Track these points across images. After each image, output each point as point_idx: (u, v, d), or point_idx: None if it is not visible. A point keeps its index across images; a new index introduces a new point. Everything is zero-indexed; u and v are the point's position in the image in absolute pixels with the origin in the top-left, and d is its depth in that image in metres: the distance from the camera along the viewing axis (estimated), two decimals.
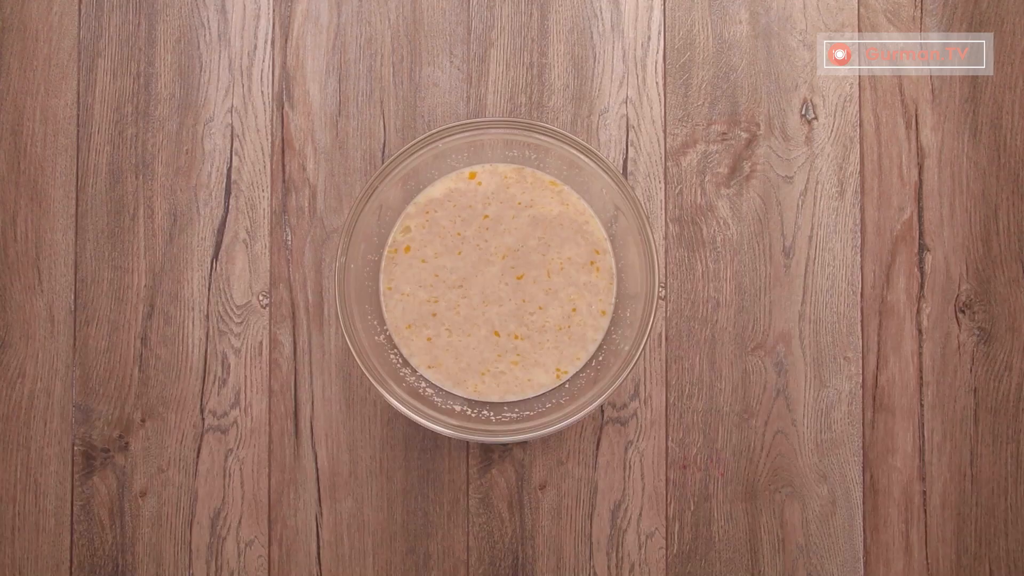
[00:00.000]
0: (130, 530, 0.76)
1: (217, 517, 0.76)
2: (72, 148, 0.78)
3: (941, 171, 0.77)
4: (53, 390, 0.77)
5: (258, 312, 0.77)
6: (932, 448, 0.76)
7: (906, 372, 0.76)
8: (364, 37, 0.78)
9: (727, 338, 0.76)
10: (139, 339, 0.77)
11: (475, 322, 0.74)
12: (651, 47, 0.78)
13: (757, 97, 0.78)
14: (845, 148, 0.78)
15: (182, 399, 0.76)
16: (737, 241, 0.77)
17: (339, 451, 0.76)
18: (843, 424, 0.76)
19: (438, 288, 0.75)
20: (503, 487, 0.76)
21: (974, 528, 0.75)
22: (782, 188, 0.77)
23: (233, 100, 0.78)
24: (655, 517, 0.76)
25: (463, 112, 0.78)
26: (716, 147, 0.78)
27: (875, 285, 0.77)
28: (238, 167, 0.78)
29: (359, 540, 0.76)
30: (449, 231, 0.75)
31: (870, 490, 0.76)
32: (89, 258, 0.77)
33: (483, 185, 0.75)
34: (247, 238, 0.77)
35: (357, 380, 0.77)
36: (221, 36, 0.78)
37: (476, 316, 0.74)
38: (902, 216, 0.77)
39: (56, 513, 0.76)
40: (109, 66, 0.78)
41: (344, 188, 0.78)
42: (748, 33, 0.78)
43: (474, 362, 0.74)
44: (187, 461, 0.76)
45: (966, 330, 0.76)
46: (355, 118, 0.78)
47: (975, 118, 0.77)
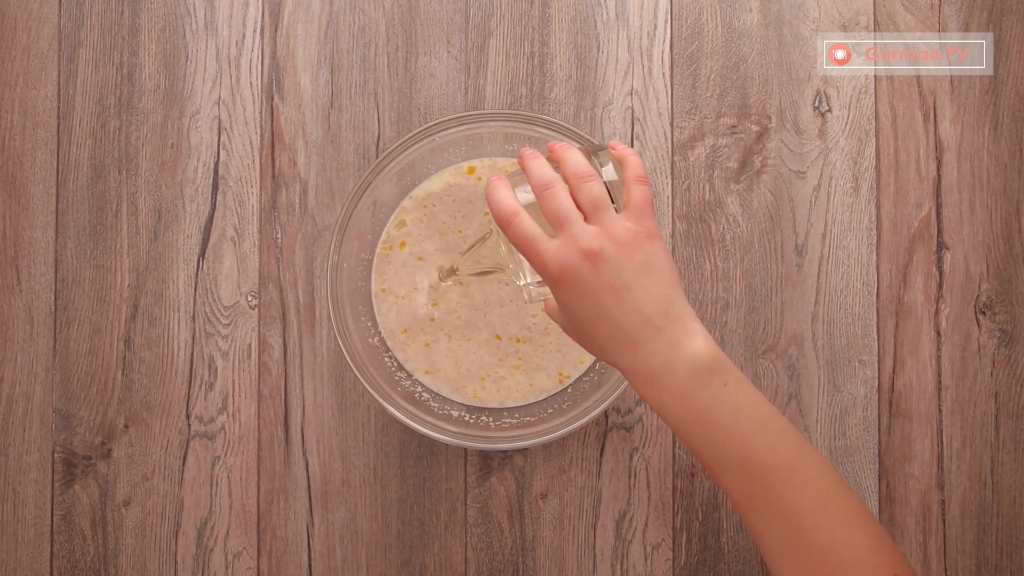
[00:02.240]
0: (113, 541, 0.73)
1: (204, 527, 0.73)
2: (52, 142, 0.75)
3: (960, 166, 0.74)
4: (32, 395, 0.74)
5: (247, 313, 0.74)
6: (951, 455, 0.73)
7: (924, 376, 0.73)
8: (357, 25, 0.75)
9: (737, 340, 0.74)
10: (122, 341, 0.74)
11: (476, 325, 0.71)
12: (657, 36, 0.75)
13: (768, 88, 0.75)
14: (860, 142, 0.74)
15: (167, 404, 0.73)
16: (747, 239, 0.74)
17: (331, 458, 0.73)
18: (858, 430, 0.73)
19: (437, 290, 0.72)
20: (503, 496, 0.73)
21: (995, 539, 0.73)
22: (794, 184, 0.74)
23: (220, 91, 0.75)
24: (662, 527, 0.73)
25: (461, 104, 0.75)
26: (725, 141, 0.75)
27: (891, 285, 0.74)
28: (226, 161, 0.75)
29: (352, 552, 0.73)
30: (450, 227, 0.72)
31: (886, 499, 0.73)
32: (70, 257, 0.74)
33: (483, 180, 0.72)
34: (235, 236, 0.74)
35: (350, 384, 0.74)
36: (208, 24, 0.75)
37: (477, 319, 0.71)
38: (920, 213, 0.74)
39: (36, 523, 0.73)
40: (91, 56, 0.75)
41: (337, 184, 0.75)
42: (759, 21, 0.75)
43: (474, 367, 0.71)
44: (172, 469, 0.73)
45: (986, 332, 0.73)
46: (348, 110, 0.75)
47: (996, 111, 0.74)
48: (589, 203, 0.51)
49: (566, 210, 0.51)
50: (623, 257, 0.49)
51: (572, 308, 0.51)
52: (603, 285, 0.49)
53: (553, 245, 0.50)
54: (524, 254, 0.51)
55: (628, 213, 0.51)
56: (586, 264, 0.49)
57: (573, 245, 0.49)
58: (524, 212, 0.51)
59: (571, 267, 0.49)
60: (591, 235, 0.50)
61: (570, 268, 0.49)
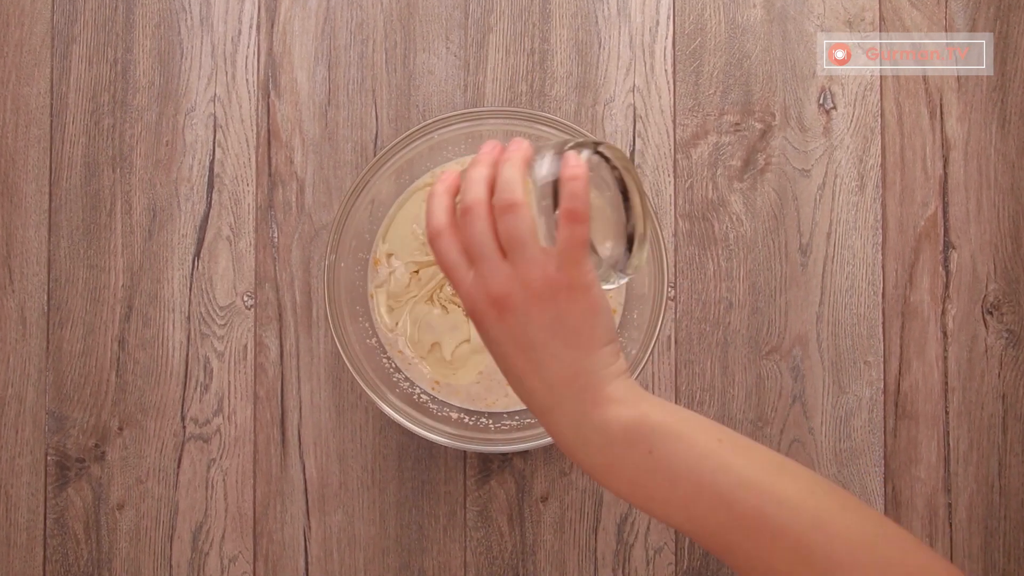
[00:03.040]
0: (107, 545, 0.72)
1: (199, 531, 0.72)
2: (45, 139, 0.74)
3: (967, 164, 0.73)
4: (25, 396, 0.72)
5: (242, 313, 0.73)
6: (958, 458, 0.72)
7: (930, 377, 0.72)
8: (355, 22, 0.74)
9: (740, 341, 0.72)
10: (116, 342, 0.73)
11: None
12: (660, 32, 0.74)
13: (772, 85, 0.74)
14: (866, 139, 0.73)
15: (162, 406, 0.72)
16: (751, 238, 0.73)
17: (328, 461, 0.72)
18: (863, 432, 0.72)
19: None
20: (503, 499, 0.72)
21: (1002, 543, 0.71)
22: (799, 182, 0.73)
23: (216, 88, 0.74)
24: (664, 531, 0.72)
25: (460, 101, 0.74)
26: (728, 138, 0.73)
27: (897, 285, 0.73)
28: (221, 160, 0.73)
29: (350, 556, 0.72)
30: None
31: (892, 502, 0.72)
32: (63, 256, 0.73)
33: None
34: (231, 235, 0.73)
35: (348, 386, 0.72)
36: (203, 20, 0.74)
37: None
38: (926, 212, 0.73)
39: (28, 527, 0.72)
40: (84, 52, 0.74)
41: (334, 182, 0.73)
42: (762, 17, 0.74)
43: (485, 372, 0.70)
44: (167, 472, 0.72)
45: (994, 332, 0.72)
46: (345, 108, 0.74)
47: (1003, 108, 0.73)
48: (505, 238, 0.44)
49: (479, 244, 0.44)
50: (532, 310, 0.43)
51: (490, 350, 0.46)
52: (509, 338, 0.44)
53: (468, 280, 0.45)
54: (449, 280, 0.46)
55: (553, 256, 0.44)
56: (493, 311, 0.44)
57: (482, 287, 0.44)
58: (449, 235, 0.45)
59: (479, 311, 0.44)
60: (502, 280, 0.43)
61: (477, 312, 0.44)
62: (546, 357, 0.44)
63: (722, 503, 0.42)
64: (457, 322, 0.70)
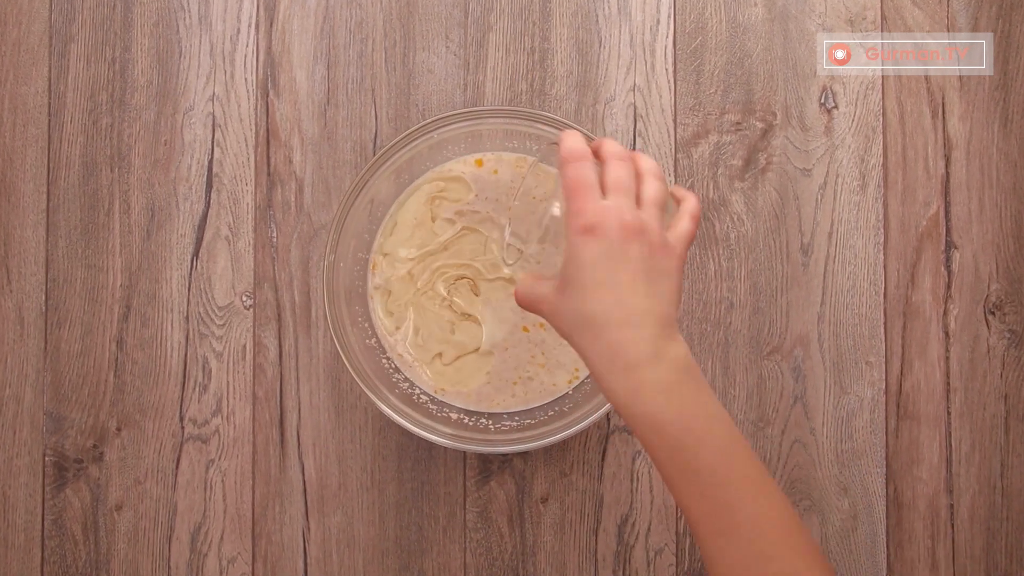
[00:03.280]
0: (105, 546, 0.71)
1: (198, 532, 0.71)
2: (43, 139, 0.73)
3: (969, 163, 0.73)
4: (23, 397, 0.72)
5: (241, 313, 0.72)
6: (960, 458, 0.71)
7: (932, 377, 0.72)
8: (354, 20, 0.74)
9: (741, 341, 0.72)
10: (114, 342, 0.72)
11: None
12: (660, 31, 0.74)
13: (773, 84, 0.73)
14: (867, 139, 0.73)
15: (160, 406, 0.72)
16: (752, 238, 0.73)
17: (328, 462, 0.72)
18: (865, 433, 0.71)
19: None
20: (503, 500, 0.71)
21: (1004, 544, 0.71)
22: (800, 181, 0.73)
23: (215, 88, 0.73)
24: (664, 532, 0.71)
25: (460, 100, 0.74)
26: (729, 138, 0.73)
27: (899, 285, 0.72)
28: (220, 159, 0.73)
29: (349, 557, 0.71)
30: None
31: (894, 503, 0.71)
32: (61, 256, 0.73)
33: (499, 173, 0.70)
34: (229, 235, 0.73)
35: (347, 386, 0.72)
36: (202, 19, 0.74)
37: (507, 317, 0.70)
38: (928, 211, 0.73)
39: (26, 528, 0.72)
40: (82, 51, 0.74)
41: (333, 181, 0.73)
42: (764, 16, 0.74)
43: (508, 372, 0.70)
44: (166, 472, 0.72)
45: (996, 333, 0.72)
46: (345, 107, 0.73)
47: (1005, 107, 0.73)
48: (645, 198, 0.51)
49: (625, 180, 0.51)
50: (653, 253, 0.50)
51: (583, 265, 0.50)
52: (625, 259, 0.49)
53: (597, 200, 0.50)
54: (569, 195, 0.51)
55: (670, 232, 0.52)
56: (620, 234, 0.49)
57: (618, 213, 0.49)
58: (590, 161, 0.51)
59: (603, 227, 0.49)
60: (634, 214, 0.50)
61: (600, 228, 0.49)
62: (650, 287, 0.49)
63: (740, 460, 0.47)
64: (464, 333, 0.69)
